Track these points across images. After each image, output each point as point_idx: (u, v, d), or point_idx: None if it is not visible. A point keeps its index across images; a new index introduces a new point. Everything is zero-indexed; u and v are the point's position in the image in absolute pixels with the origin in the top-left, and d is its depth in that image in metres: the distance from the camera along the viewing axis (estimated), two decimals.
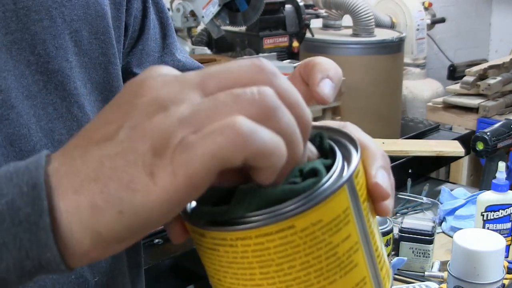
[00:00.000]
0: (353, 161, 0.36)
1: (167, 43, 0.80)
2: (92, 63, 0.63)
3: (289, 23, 3.02)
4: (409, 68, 3.99)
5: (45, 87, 0.58)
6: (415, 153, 1.67)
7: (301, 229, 0.33)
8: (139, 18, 0.75)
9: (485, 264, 0.87)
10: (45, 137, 0.57)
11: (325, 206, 0.34)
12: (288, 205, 0.33)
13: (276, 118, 0.32)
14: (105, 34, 0.64)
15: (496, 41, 5.17)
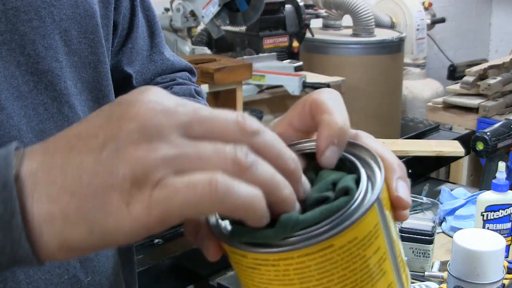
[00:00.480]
0: (378, 179, 0.38)
1: (156, 42, 0.81)
2: (81, 63, 0.63)
3: (289, 23, 3.02)
4: (409, 68, 3.99)
5: (36, 88, 0.58)
6: (415, 153, 1.67)
7: (339, 247, 0.36)
8: (128, 16, 0.75)
9: (485, 264, 0.87)
10: (36, 138, 0.57)
11: (359, 225, 0.36)
12: (326, 226, 0.36)
13: (252, 172, 0.34)
14: (94, 33, 0.64)
15: (496, 41, 5.17)
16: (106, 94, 0.67)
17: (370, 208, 0.36)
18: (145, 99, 0.35)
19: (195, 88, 0.84)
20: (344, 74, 3.07)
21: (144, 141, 0.33)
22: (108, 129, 0.34)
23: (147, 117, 0.34)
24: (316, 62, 3.30)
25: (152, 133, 0.33)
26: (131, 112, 0.34)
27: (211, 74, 1.91)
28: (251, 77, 2.10)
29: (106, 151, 0.34)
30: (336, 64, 3.30)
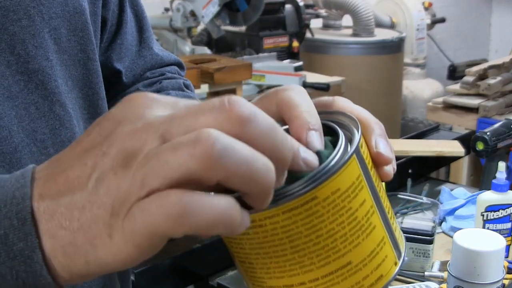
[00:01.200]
0: (355, 134, 0.39)
1: (144, 37, 0.80)
2: (71, 60, 0.63)
3: (289, 23, 3.02)
4: (409, 68, 3.99)
5: (26, 87, 0.57)
6: (415, 153, 1.67)
7: (323, 199, 0.36)
8: (116, 12, 0.75)
9: (485, 264, 0.87)
10: (27, 137, 0.57)
11: (340, 175, 0.36)
12: (308, 179, 0.36)
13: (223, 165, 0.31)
14: (84, 31, 0.64)
15: (496, 41, 5.17)
16: (96, 91, 0.67)
17: (350, 158, 0.37)
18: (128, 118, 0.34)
19: (184, 82, 0.84)
20: (344, 74, 3.07)
21: (121, 165, 0.32)
22: (93, 157, 0.34)
23: (125, 139, 0.33)
24: (316, 62, 3.30)
25: (128, 155, 0.32)
26: (114, 136, 0.33)
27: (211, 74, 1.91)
28: (251, 77, 2.10)
29: (91, 182, 0.33)
30: (336, 64, 3.30)
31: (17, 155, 0.56)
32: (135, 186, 0.32)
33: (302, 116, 0.39)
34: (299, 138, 0.39)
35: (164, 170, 0.31)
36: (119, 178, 0.32)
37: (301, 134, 0.39)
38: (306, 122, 0.39)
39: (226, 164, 0.30)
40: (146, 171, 0.31)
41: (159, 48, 0.84)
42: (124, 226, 0.32)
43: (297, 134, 0.39)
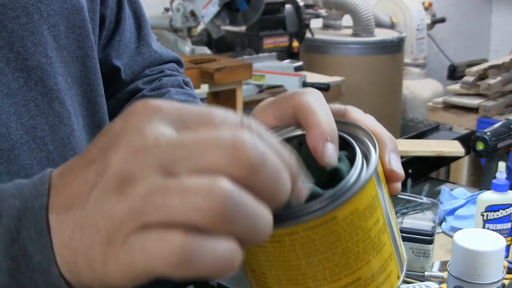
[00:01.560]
0: (372, 152, 0.40)
1: (143, 34, 0.80)
2: (70, 57, 0.63)
3: (289, 23, 3.02)
4: (409, 68, 3.99)
5: (26, 84, 0.58)
6: (415, 153, 1.66)
7: (342, 219, 0.36)
8: (115, 9, 0.75)
9: (485, 264, 0.87)
10: (27, 134, 0.57)
11: (360, 196, 0.37)
12: (329, 198, 0.36)
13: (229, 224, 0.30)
14: (82, 28, 0.64)
15: (496, 41, 5.17)
16: (94, 88, 0.67)
17: (369, 179, 0.38)
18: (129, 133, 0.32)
19: (183, 79, 0.84)
20: (344, 74, 3.07)
21: (116, 189, 0.31)
22: (93, 174, 0.33)
23: (122, 160, 0.31)
24: (316, 62, 3.30)
25: (124, 180, 0.31)
26: (112, 154, 0.32)
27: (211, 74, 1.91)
28: (251, 77, 2.10)
29: (90, 202, 0.32)
30: (336, 64, 3.30)
31: (15, 152, 0.56)
32: (131, 216, 0.30)
33: (320, 126, 0.40)
34: (315, 148, 0.40)
35: (167, 212, 0.30)
36: (113, 203, 0.31)
37: (317, 145, 0.40)
38: (323, 133, 0.40)
39: (233, 222, 0.30)
40: (146, 205, 0.30)
41: (158, 45, 0.84)
42: (120, 257, 0.31)
43: (314, 144, 0.40)
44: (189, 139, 0.31)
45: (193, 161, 0.30)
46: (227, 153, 0.30)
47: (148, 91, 0.78)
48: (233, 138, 0.30)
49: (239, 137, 0.30)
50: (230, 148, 0.30)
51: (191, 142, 0.31)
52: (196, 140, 0.31)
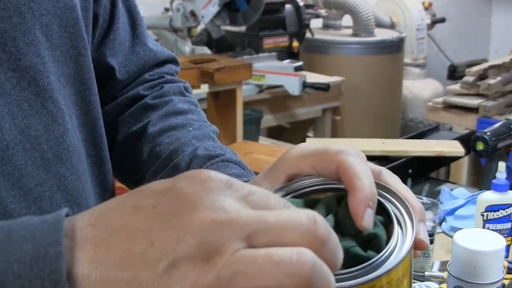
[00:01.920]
0: (409, 224, 0.43)
1: (138, 32, 0.79)
2: (63, 57, 0.63)
3: (289, 23, 3.02)
4: (409, 68, 3.99)
5: (19, 84, 0.57)
6: (415, 153, 1.67)
7: (379, 286, 0.39)
8: (108, 7, 0.74)
9: (485, 264, 0.87)
10: (21, 134, 0.57)
11: (398, 267, 0.40)
12: (371, 267, 0.39)
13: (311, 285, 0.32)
14: (75, 27, 0.64)
15: (496, 41, 5.17)
16: (88, 87, 0.66)
17: (408, 252, 0.41)
18: (206, 204, 0.33)
19: (184, 85, 0.83)
20: (344, 74, 3.07)
21: (202, 259, 0.31)
22: (165, 238, 0.32)
23: (207, 231, 0.32)
24: (316, 62, 3.30)
25: (210, 250, 0.32)
26: (191, 222, 0.32)
27: (211, 74, 1.91)
28: (251, 77, 2.10)
29: (162, 265, 0.32)
30: (336, 64, 3.30)
31: (9, 153, 0.56)
32: (219, 284, 0.31)
33: (364, 191, 0.43)
34: (356, 212, 0.42)
35: (259, 278, 0.31)
36: (199, 271, 0.31)
37: (359, 209, 0.42)
38: (366, 198, 0.43)
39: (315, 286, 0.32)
40: (237, 273, 0.31)
41: (154, 43, 0.83)
42: None
43: (356, 208, 0.43)
44: (269, 216, 0.33)
45: (275, 236, 0.33)
46: (306, 232, 0.33)
47: (151, 99, 0.78)
48: (311, 220, 0.34)
49: (316, 220, 0.34)
50: (308, 228, 0.33)
51: (273, 219, 0.33)
52: (278, 218, 0.33)
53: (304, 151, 0.48)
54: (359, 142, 1.77)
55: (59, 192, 0.61)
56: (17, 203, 0.56)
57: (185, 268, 0.31)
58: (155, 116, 0.76)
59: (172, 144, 0.71)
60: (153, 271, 0.32)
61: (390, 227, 0.44)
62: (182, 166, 0.68)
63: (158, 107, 0.77)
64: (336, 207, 0.45)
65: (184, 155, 0.69)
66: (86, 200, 0.65)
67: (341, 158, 0.45)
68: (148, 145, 0.73)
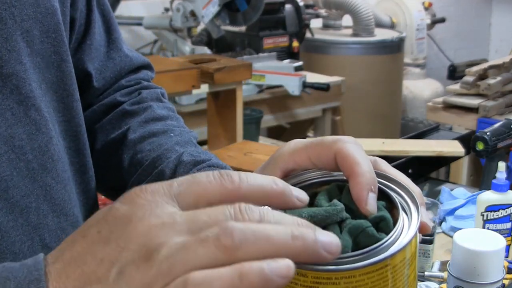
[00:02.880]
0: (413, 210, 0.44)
1: (113, 38, 0.78)
2: (44, 63, 0.61)
3: (289, 23, 3.02)
4: (409, 68, 3.99)
5: (1, 92, 0.56)
6: (415, 153, 1.67)
7: (393, 266, 0.40)
8: (84, 12, 0.72)
9: (485, 264, 0.87)
10: (5, 144, 0.56)
11: (410, 245, 0.41)
12: (384, 245, 0.40)
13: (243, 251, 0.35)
14: (56, 32, 0.62)
15: (496, 41, 5.17)
16: (71, 93, 0.65)
17: (416, 232, 0.42)
18: (139, 215, 0.37)
19: (161, 91, 0.82)
20: (344, 74, 3.07)
21: (143, 259, 0.35)
22: (110, 252, 0.36)
23: (143, 235, 0.36)
24: (316, 62, 3.30)
25: (150, 250, 0.35)
26: (129, 232, 0.36)
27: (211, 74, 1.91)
28: (251, 77, 2.10)
29: (111, 276, 0.36)
30: (336, 64, 3.30)
31: None
32: (160, 277, 0.34)
33: (365, 176, 0.44)
34: (360, 197, 0.43)
35: (192, 262, 0.34)
36: (142, 270, 0.35)
37: (362, 193, 0.43)
38: (368, 183, 0.44)
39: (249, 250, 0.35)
40: (173, 264, 0.35)
41: (129, 48, 0.81)
42: None
43: (359, 193, 0.43)
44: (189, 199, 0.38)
45: (200, 216, 0.36)
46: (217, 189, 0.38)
47: (129, 105, 0.76)
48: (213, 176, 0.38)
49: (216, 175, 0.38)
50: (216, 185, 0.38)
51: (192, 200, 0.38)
52: (196, 197, 0.38)
53: (299, 145, 0.49)
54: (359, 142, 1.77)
55: (46, 202, 0.59)
56: (4, 216, 0.55)
57: (131, 272, 0.35)
58: (135, 123, 0.74)
59: (154, 150, 0.71)
60: (106, 283, 0.36)
61: (392, 212, 0.44)
62: (167, 173, 0.68)
63: (137, 113, 0.76)
64: (338, 195, 0.46)
65: (169, 161, 0.69)
66: (72, 209, 0.64)
67: (338, 146, 0.46)
68: (129, 152, 0.73)
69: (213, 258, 0.34)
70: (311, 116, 2.98)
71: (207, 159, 0.69)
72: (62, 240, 0.54)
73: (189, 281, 0.34)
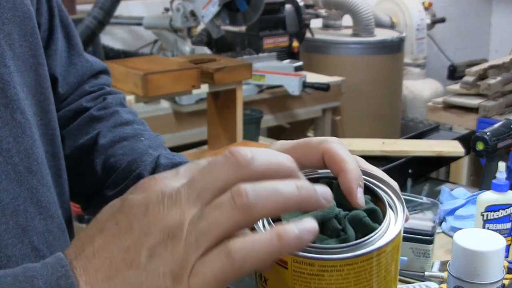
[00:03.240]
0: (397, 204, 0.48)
1: (73, 43, 0.78)
2: (24, 66, 0.62)
3: (289, 23, 3.02)
4: (409, 68, 3.99)
5: None
6: (415, 153, 1.67)
7: (388, 252, 0.44)
8: (47, 17, 0.72)
9: (485, 264, 0.87)
10: None
11: (400, 233, 0.45)
12: (380, 235, 0.44)
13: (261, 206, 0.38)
14: (33, 35, 0.63)
15: (496, 41, 5.17)
16: (47, 97, 0.65)
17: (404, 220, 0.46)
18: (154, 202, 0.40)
19: (123, 96, 0.83)
20: (344, 74, 3.07)
21: (169, 239, 0.38)
22: (135, 240, 0.39)
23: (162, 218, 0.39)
24: (316, 62, 3.30)
25: (172, 229, 0.38)
26: (148, 219, 0.39)
27: (211, 74, 1.91)
28: (251, 77, 2.10)
29: (142, 260, 0.38)
30: (336, 64, 3.30)
31: None
32: (192, 249, 0.38)
33: (353, 172, 0.47)
34: (350, 191, 0.47)
35: (215, 228, 0.38)
36: (171, 248, 0.38)
37: (352, 188, 0.47)
38: (356, 179, 0.47)
39: (265, 205, 0.38)
40: (198, 234, 0.38)
41: (87, 54, 0.82)
42: (191, 283, 0.38)
43: (349, 188, 0.47)
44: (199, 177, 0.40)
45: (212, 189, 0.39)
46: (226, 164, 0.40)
47: (96, 111, 0.77)
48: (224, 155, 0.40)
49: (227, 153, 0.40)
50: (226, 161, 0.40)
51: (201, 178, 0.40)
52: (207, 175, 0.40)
53: (286, 146, 0.51)
54: (359, 142, 1.77)
55: (33, 205, 0.59)
56: None
57: (160, 252, 0.38)
58: (104, 128, 0.76)
59: (127, 154, 0.73)
60: (138, 268, 0.38)
61: (377, 204, 0.48)
62: (145, 175, 0.70)
63: (104, 118, 0.77)
64: None
65: (146, 164, 0.71)
66: (57, 212, 0.64)
67: (325, 146, 0.49)
68: (101, 157, 0.74)
69: (233, 220, 0.37)
70: (311, 116, 2.98)
71: (183, 161, 0.72)
72: (49, 242, 0.57)
73: (232, 250, 0.37)
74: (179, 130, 2.50)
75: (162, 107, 2.51)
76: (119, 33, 3.33)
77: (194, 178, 0.40)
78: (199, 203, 0.39)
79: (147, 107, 2.46)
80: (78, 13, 2.85)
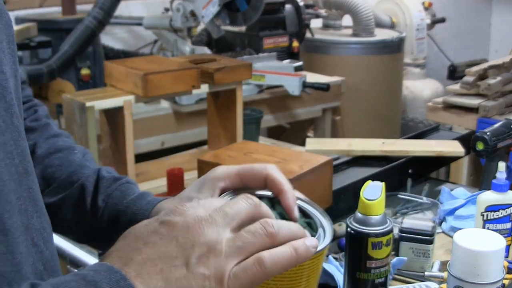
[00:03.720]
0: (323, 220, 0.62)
1: None
2: (11, 72, 0.64)
3: (289, 23, 3.02)
4: (409, 68, 3.99)
5: None
6: (415, 153, 1.66)
7: (323, 255, 0.58)
8: None
9: (485, 264, 0.87)
10: (2, 150, 0.58)
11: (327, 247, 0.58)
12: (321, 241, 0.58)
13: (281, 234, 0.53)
14: (13, 43, 0.65)
15: (496, 41, 5.17)
16: (20, 102, 0.68)
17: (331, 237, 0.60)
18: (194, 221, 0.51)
19: (45, 108, 0.86)
20: (344, 74, 3.07)
21: (210, 251, 0.50)
22: (181, 251, 0.50)
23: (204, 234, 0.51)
24: (316, 62, 3.30)
25: (212, 244, 0.50)
26: (190, 234, 0.50)
27: (211, 74, 1.91)
28: (251, 77, 2.10)
29: (190, 265, 0.49)
30: (336, 64, 3.30)
31: None
32: (231, 260, 0.50)
33: (291, 193, 0.61)
34: (290, 208, 0.61)
35: (249, 247, 0.51)
36: (213, 258, 0.50)
37: (292, 205, 0.61)
38: (293, 198, 0.61)
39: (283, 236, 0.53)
40: (236, 250, 0.51)
41: None
42: (230, 285, 0.50)
43: (289, 205, 0.61)
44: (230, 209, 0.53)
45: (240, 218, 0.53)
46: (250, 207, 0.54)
47: (29, 122, 0.80)
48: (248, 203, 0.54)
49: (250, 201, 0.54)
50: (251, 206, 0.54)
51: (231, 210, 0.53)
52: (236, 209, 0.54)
53: (231, 170, 0.64)
54: (359, 142, 1.76)
55: (31, 204, 0.62)
56: (8, 219, 0.57)
57: (204, 260, 0.50)
58: (40, 139, 0.80)
59: (64, 166, 0.79)
60: (187, 271, 0.49)
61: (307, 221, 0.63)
62: (88, 186, 0.77)
63: (37, 130, 0.80)
64: (271, 208, 0.61)
65: (88, 176, 0.78)
66: (45, 209, 0.67)
67: (268, 172, 0.62)
68: (39, 167, 0.78)
69: (263, 242, 0.51)
70: (311, 116, 2.98)
71: (123, 177, 0.80)
72: (45, 239, 0.63)
73: (264, 259, 0.50)
74: (179, 130, 2.50)
75: (162, 107, 2.51)
76: (119, 33, 3.33)
77: (224, 209, 0.52)
78: (229, 228, 0.51)
79: (147, 107, 2.46)
80: (78, 13, 2.85)
